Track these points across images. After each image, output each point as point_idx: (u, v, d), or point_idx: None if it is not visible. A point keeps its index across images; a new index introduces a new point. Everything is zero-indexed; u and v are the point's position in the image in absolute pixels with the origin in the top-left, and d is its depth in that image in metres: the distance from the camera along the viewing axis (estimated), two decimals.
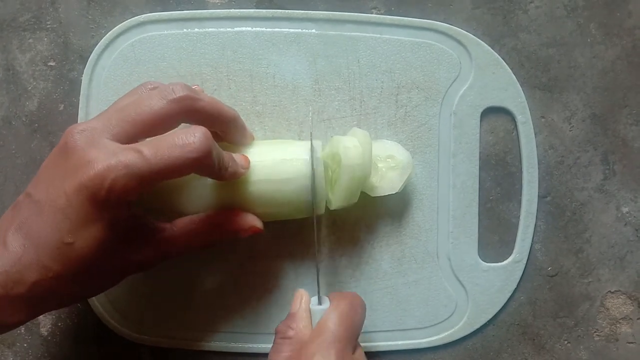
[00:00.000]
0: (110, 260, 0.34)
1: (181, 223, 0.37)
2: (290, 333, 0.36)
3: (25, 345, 0.45)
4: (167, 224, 0.37)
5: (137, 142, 0.34)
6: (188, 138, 0.32)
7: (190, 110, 0.35)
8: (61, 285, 0.33)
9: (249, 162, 0.38)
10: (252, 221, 0.38)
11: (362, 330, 0.44)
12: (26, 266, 0.32)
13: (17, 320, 0.34)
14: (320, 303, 0.38)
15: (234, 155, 0.37)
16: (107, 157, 0.31)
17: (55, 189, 0.32)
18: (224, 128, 0.38)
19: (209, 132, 0.33)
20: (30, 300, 0.33)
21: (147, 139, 0.34)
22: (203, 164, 0.33)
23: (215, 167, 0.34)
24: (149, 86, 0.36)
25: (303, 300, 0.38)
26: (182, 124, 0.36)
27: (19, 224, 0.32)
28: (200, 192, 0.38)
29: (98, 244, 0.32)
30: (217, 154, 0.34)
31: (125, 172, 0.31)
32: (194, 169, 0.33)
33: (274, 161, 0.38)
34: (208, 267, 0.44)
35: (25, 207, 0.33)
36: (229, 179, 0.36)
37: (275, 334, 0.37)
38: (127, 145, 0.33)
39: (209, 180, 0.37)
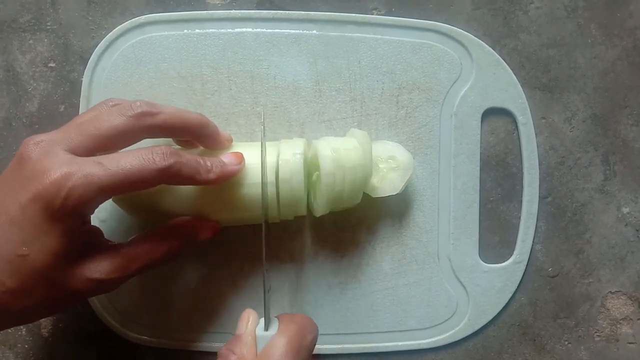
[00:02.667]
0: (67, 276, 0.33)
1: (139, 238, 0.37)
2: (232, 358, 0.34)
3: (26, 346, 0.45)
4: (125, 241, 0.37)
5: (95, 156, 0.33)
6: (150, 153, 0.32)
7: (151, 126, 0.35)
8: (15, 302, 0.32)
9: (242, 158, 0.38)
10: (209, 221, 0.38)
11: (364, 331, 0.45)
12: None
13: None
14: (267, 326, 0.36)
15: (225, 155, 0.37)
16: (64, 166, 0.31)
17: (9, 201, 0.31)
18: (193, 136, 0.38)
19: (171, 147, 0.33)
20: None
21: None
22: (168, 176, 0.33)
23: (189, 176, 0.34)
24: (111, 103, 0.35)
25: (249, 323, 0.36)
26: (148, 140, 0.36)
27: None
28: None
29: (52, 255, 0.32)
30: (189, 163, 0.34)
31: (83, 181, 0.31)
32: (159, 181, 0.33)
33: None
34: (208, 269, 0.44)
35: None
36: (217, 182, 0.36)
37: (217, 357, 0.35)
38: (85, 157, 0.32)
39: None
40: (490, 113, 0.46)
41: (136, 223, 0.44)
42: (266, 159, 0.38)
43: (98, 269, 0.34)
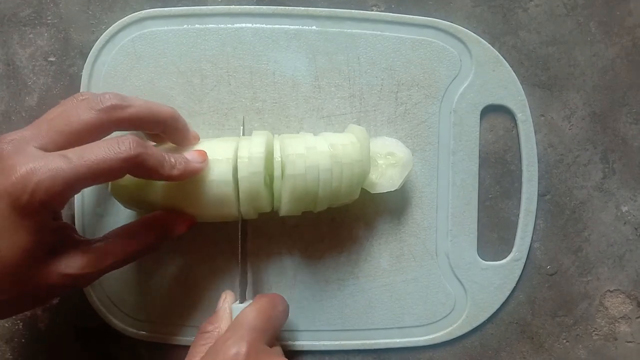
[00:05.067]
0: (38, 272, 0.33)
1: (113, 233, 0.37)
2: (209, 328, 0.38)
3: (23, 340, 0.45)
4: (98, 237, 0.37)
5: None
6: (116, 143, 0.33)
7: (120, 119, 0.35)
8: None
9: (205, 156, 0.38)
10: (184, 215, 0.38)
11: (361, 328, 0.45)
12: None
13: None
14: (242, 300, 0.40)
15: (189, 152, 0.37)
16: (30, 162, 0.31)
17: None
18: (162, 129, 0.38)
19: (137, 138, 0.33)
20: None
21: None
22: (133, 166, 0.33)
23: (153, 168, 0.34)
24: (80, 97, 0.35)
25: (226, 300, 0.40)
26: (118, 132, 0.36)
27: None
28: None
29: (22, 252, 0.32)
30: (154, 155, 0.34)
31: (48, 175, 0.31)
32: (125, 172, 0.33)
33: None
34: (207, 265, 0.44)
35: None
36: (181, 178, 0.36)
37: (198, 331, 0.39)
38: (54, 152, 0.32)
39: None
40: (490, 110, 0.46)
41: (134, 217, 0.44)
42: (234, 156, 0.38)
43: (70, 264, 0.34)
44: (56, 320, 0.45)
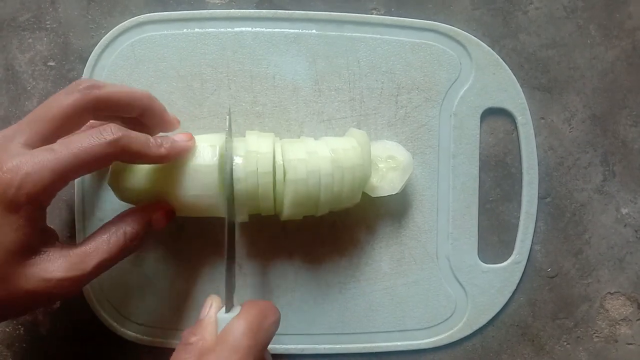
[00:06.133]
0: (20, 275, 0.32)
1: (93, 234, 0.36)
2: (193, 339, 0.34)
3: (24, 345, 0.45)
4: (79, 242, 0.36)
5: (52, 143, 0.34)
6: (98, 130, 0.33)
7: (97, 98, 0.35)
8: None
9: (191, 136, 0.38)
10: (161, 205, 0.38)
11: (363, 331, 0.45)
12: None
13: None
14: (228, 309, 0.37)
15: (174, 135, 0.37)
16: (15, 158, 0.31)
17: None
18: (140, 111, 0.38)
19: (118, 125, 0.34)
20: None
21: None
22: (118, 149, 0.33)
23: (140, 150, 0.34)
24: (59, 90, 0.36)
25: (211, 307, 0.37)
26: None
27: None
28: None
29: (5, 251, 0.31)
30: (138, 137, 0.34)
31: (35, 168, 0.31)
32: (111, 157, 0.33)
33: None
34: (208, 268, 0.44)
35: None
36: (169, 157, 0.36)
37: (180, 341, 0.36)
38: (38, 148, 0.33)
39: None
40: (490, 113, 0.46)
41: None
42: (230, 153, 0.38)
43: (54, 268, 0.33)
44: (57, 325, 0.45)
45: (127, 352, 0.45)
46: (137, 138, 0.34)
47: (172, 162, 0.37)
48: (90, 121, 0.37)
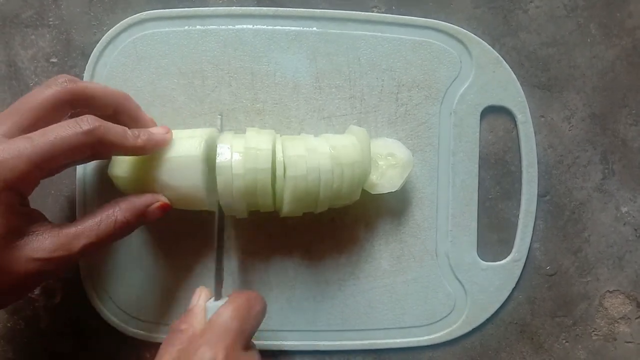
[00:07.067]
0: (8, 257, 0.33)
1: (84, 216, 0.36)
2: (183, 327, 0.36)
3: (25, 340, 0.45)
4: (70, 222, 0.36)
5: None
6: (75, 121, 0.34)
7: (74, 91, 0.36)
8: None
9: (168, 129, 0.39)
10: (157, 196, 0.38)
11: (362, 328, 0.45)
12: None
13: None
14: (217, 297, 0.38)
15: (152, 128, 0.38)
16: None
17: None
18: (115, 108, 0.38)
19: (95, 116, 0.34)
20: None
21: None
22: (95, 140, 0.34)
23: (116, 140, 0.35)
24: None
25: (201, 297, 0.38)
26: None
27: None
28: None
29: None
30: (115, 127, 0.35)
31: (12, 155, 0.32)
32: (88, 147, 0.34)
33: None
34: (209, 265, 0.44)
35: None
36: (145, 149, 0.37)
37: (169, 330, 0.37)
38: (16, 137, 0.33)
39: None
40: (490, 111, 0.46)
41: None
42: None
43: (41, 247, 0.33)
44: (57, 319, 0.45)
45: (127, 347, 0.45)
46: (114, 129, 0.35)
47: (159, 152, 0.38)
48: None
